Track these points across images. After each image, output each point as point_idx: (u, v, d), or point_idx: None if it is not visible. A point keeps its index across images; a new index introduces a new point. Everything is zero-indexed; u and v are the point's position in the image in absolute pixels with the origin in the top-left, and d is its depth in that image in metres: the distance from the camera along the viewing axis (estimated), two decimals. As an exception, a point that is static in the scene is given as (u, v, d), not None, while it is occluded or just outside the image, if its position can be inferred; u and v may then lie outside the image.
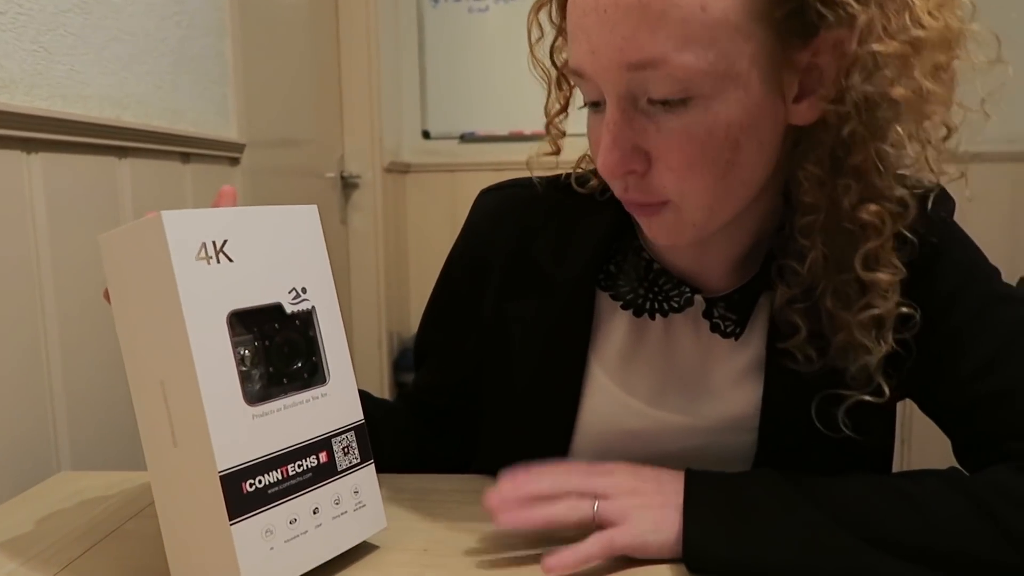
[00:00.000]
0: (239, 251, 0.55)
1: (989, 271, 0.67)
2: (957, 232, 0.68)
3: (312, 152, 2.20)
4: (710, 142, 0.56)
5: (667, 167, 0.57)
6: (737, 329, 0.68)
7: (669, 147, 0.57)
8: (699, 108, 0.55)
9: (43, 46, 0.95)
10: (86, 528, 0.69)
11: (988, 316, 0.64)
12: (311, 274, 0.60)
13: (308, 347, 0.59)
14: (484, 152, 2.66)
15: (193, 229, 0.53)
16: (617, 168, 0.58)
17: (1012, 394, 0.61)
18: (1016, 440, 0.60)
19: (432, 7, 2.71)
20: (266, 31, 1.76)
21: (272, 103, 1.78)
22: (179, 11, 1.28)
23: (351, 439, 0.61)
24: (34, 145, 0.91)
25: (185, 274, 0.52)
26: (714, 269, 0.69)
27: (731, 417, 0.70)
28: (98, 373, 1.02)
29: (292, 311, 0.58)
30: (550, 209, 0.75)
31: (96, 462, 1.00)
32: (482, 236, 0.77)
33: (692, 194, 0.58)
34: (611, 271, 0.72)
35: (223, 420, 0.52)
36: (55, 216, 0.94)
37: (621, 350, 0.72)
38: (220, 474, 0.52)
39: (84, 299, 1.00)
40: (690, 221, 0.60)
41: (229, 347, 0.54)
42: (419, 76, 2.74)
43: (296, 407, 0.57)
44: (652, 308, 0.70)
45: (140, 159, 1.13)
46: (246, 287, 0.55)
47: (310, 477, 0.57)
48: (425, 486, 0.76)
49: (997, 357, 0.62)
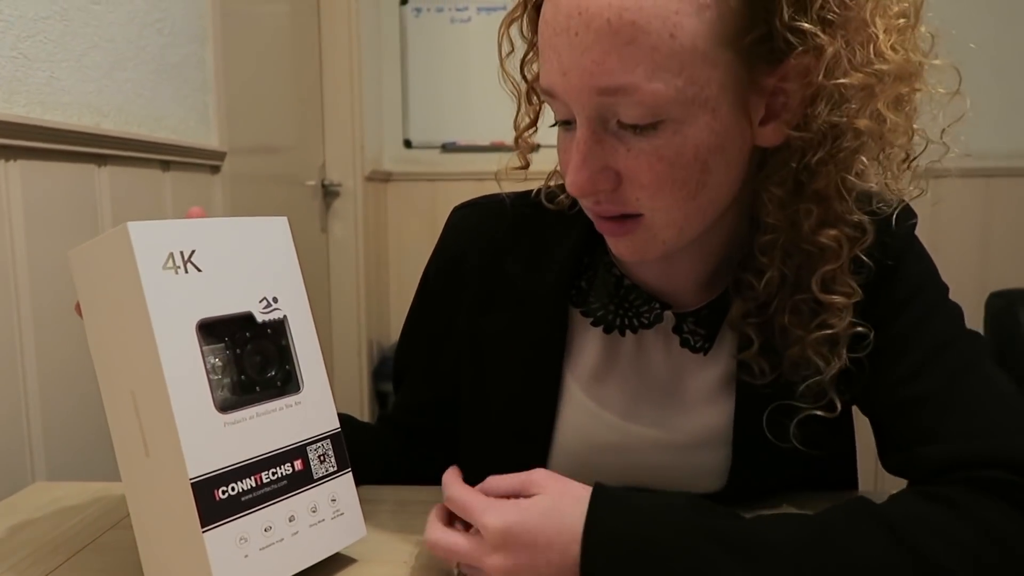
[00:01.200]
0: (208, 261, 0.55)
1: (939, 286, 0.69)
2: (916, 246, 0.69)
3: (293, 160, 2.19)
4: (679, 163, 0.56)
5: (638, 185, 0.58)
6: (706, 344, 0.69)
7: (639, 168, 0.57)
8: (668, 131, 0.56)
9: (22, 53, 0.94)
10: (63, 539, 0.68)
11: (926, 326, 0.65)
12: (283, 284, 0.60)
13: (281, 356, 0.59)
14: (465, 162, 2.66)
15: (160, 239, 0.53)
16: (587, 187, 0.58)
17: (927, 402, 0.62)
18: (923, 444, 0.61)
19: (414, 17, 2.72)
20: (248, 39, 1.76)
21: (254, 111, 1.78)
22: (161, 18, 1.28)
23: (327, 447, 0.61)
24: (12, 152, 0.90)
25: (152, 284, 0.52)
26: (684, 285, 0.70)
27: (705, 431, 0.71)
28: (74, 382, 1.01)
29: (263, 320, 0.58)
30: (522, 225, 0.75)
31: (72, 472, 0.99)
32: (456, 253, 0.77)
33: (662, 211, 0.59)
34: (582, 287, 0.72)
35: (193, 428, 0.52)
36: (32, 224, 0.93)
37: (594, 366, 0.72)
38: (191, 481, 0.52)
39: (60, 308, 0.99)
40: (660, 238, 0.61)
41: (199, 355, 0.54)
42: (401, 85, 2.75)
43: (269, 415, 0.57)
44: (623, 324, 0.70)
45: (120, 167, 1.13)
46: (215, 296, 0.56)
47: (285, 485, 0.57)
48: (405, 497, 0.76)
49: (924, 365, 0.64)
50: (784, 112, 0.59)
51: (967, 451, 0.58)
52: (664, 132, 0.56)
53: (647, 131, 0.56)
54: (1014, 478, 0.55)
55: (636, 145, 0.56)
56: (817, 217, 0.60)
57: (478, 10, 2.70)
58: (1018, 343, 1.08)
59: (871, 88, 0.56)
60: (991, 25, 2.42)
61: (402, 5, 2.72)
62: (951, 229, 2.48)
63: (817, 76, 0.55)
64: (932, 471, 0.59)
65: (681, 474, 0.72)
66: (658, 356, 0.72)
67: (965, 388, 0.62)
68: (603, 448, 0.72)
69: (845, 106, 0.56)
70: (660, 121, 0.55)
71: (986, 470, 0.56)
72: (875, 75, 0.55)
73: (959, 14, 2.14)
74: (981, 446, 0.57)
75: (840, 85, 0.55)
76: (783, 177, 0.60)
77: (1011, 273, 2.44)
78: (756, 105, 0.58)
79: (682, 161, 0.56)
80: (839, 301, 0.61)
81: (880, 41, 0.56)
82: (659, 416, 0.71)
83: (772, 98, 0.58)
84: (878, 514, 0.55)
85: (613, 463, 0.72)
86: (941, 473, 0.58)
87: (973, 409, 0.60)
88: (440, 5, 2.70)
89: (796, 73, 0.57)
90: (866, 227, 0.61)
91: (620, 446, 0.72)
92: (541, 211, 0.75)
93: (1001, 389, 0.62)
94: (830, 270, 0.61)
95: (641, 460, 0.72)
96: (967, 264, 2.49)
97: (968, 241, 2.49)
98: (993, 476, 0.55)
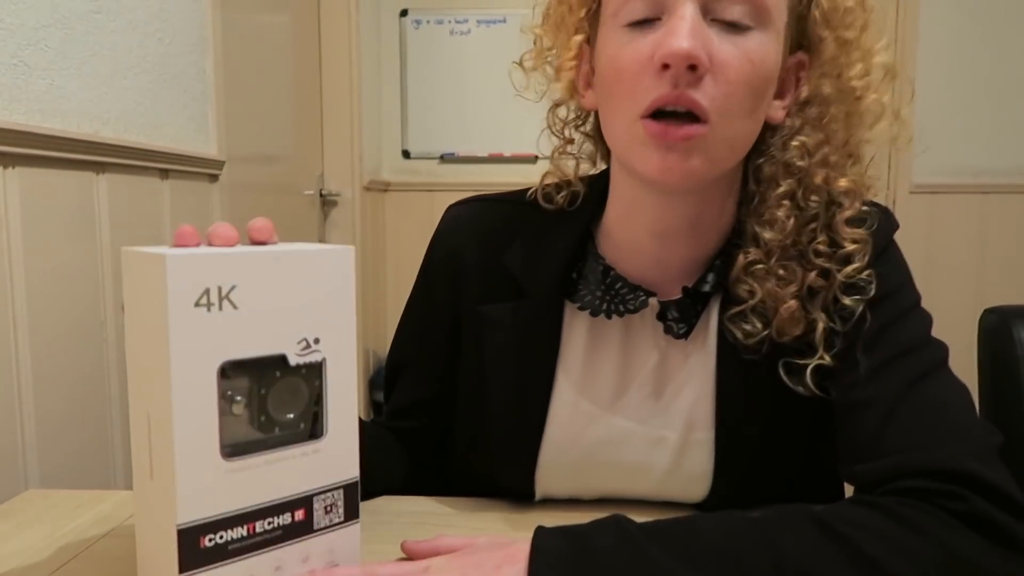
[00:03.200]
0: (247, 297, 0.52)
1: (911, 293, 0.70)
2: (894, 251, 0.71)
3: (291, 169, 2.20)
4: (758, 73, 0.62)
5: (723, 80, 0.61)
6: (685, 328, 0.70)
7: (730, 61, 0.61)
8: (757, 39, 0.61)
9: (23, 60, 0.95)
10: (55, 547, 0.68)
11: (891, 330, 0.66)
12: (330, 324, 0.56)
13: (309, 399, 0.56)
14: (463, 172, 2.67)
15: (198, 273, 0.50)
16: (692, 50, 0.59)
17: (872, 407, 0.64)
18: (863, 455, 0.63)
19: (414, 28, 2.74)
20: (248, 49, 1.76)
21: (253, 120, 1.79)
22: (161, 28, 1.28)
23: (337, 497, 0.57)
24: (11, 159, 0.91)
25: (179, 321, 0.49)
26: (673, 276, 0.71)
27: (692, 425, 0.72)
28: (69, 390, 1.01)
29: (298, 363, 0.55)
30: (517, 222, 0.77)
31: (65, 480, 0.98)
32: (454, 245, 0.78)
33: (729, 119, 0.62)
34: (573, 279, 0.74)
35: (193, 473, 0.51)
36: (30, 231, 0.93)
37: (584, 356, 0.73)
38: (178, 527, 0.50)
39: (56, 315, 0.99)
40: (712, 155, 0.63)
41: (214, 398, 0.51)
42: (400, 96, 2.76)
43: (280, 462, 0.55)
44: (609, 309, 0.72)
45: (118, 174, 1.13)
46: (246, 336, 0.52)
47: (279, 535, 0.55)
48: (405, 509, 0.76)
49: (880, 370, 0.65)
50: (785, 96, 0.67)
51: (895, 464, 0.60)
52: (754, 38, 0.61)
53: (743, 32, 0.61)
54: (929, 484, 0.57)
55: (731, 40, 0.61)
56: (826, 172, 0.66)
57: (478, 22, 2.71)
58: (1012, 359, 1.09)
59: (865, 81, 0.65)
60: (986, 44, 2.44)
61: (402, 17, 2.73)
62: (947, 245, 2.49)
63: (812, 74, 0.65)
64: (867, 484, 0.62)
65: (667, 476, 0.73)
66: (645, 347, 0.73)
67: (913, 397, 0.63)
68: (591, 445, 0.73)
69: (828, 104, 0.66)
70: (751, 28, 0.61)
71: (907, 480, 0.59)
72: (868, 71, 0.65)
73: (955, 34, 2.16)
74: (907, 459, 0.60)
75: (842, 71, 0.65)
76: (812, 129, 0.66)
77: (1006, 289, 2.45)
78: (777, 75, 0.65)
79: (760, 73, 0.62)
80: (860, 234, 0.65)
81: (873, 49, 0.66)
82: (648, 412, 0.73)
83: (783, 80, 0.66)
84: (811, 513, 0.58)
85: (601, 462, 0.73)
86: (874, 486, 0.61)
87: (913, 420, 0.62)
88: (440, 17, 2.72)
89: (799, 66, 0.66)
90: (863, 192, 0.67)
91: (608, 442, 0.73)
92: (535, 209, 0.76)
93: (946, 401, 0.64)
94: (841, 215, 0.66)
95: (628, 458, 0.73)
96: (962, 280, 2.50)
97: (963, 257, 2.50)
98: (912, 484, 0.58)
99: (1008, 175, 2.46)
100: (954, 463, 0.58)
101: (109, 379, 1.10)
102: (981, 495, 0.56)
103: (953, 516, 0.56)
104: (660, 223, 0.70)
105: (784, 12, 0.63)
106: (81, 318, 1.05)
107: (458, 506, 0.77)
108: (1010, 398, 1.08)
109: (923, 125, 2.45)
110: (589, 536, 0.57)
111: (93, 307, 1.07)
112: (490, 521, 0.74)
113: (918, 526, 0.55)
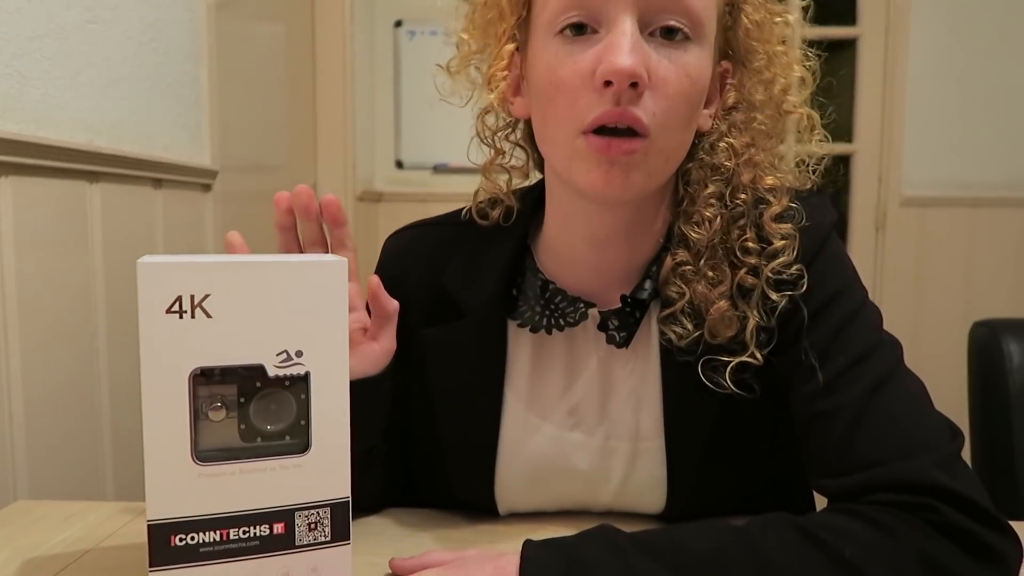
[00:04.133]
0: (222, 307, 0.52)
1: (856, 290, 0.69)
2: (832, 247, 0.70)
3: (285, 179, 2.20)
4: (695, 86, 0.63)
5: (662, 95, 0.61)
6: (625, 335, 0.70)
7: (668, 76, 0.62)
8: (694, 52, 0.63)
9: (18, 70, 0.95)
10: (44, 558, 0.68)
11: (843, 336, 0.66)
12: (316, 337, 0.55)
13: (298, 413, 0.56)
14: (456, 183, 2.68)
15: (170, 280, 0.51)
16: (637, 67, 0.59)
17: (838, 416, 0.63)
18: (832, 468, 0.63)
19: (408, 39, 2.74)
20: (242, 59, 1.77)
21: (246, 130, 1.79)
22: (156, 38, 1.28)
23: (323, 516, 0.57)
24: (4, 169, 0.91)
25: (150, 327, 0.51)
26: (611, 285, 0.71)
27: (641, 434, 0.72)
28: (59, 401, 1.01)
29: (277, 375, 0.55)
30: (454, 242, 0.77)
31: (55, 491, 0.98)
32: (395, 272, 0.78)
33: (667, 133, 0.63)
34: (514, 295, 0.74)
35: (162, 473, 0.52)
36: (22, 240, 0.93)
37: (529, 373, 0.74)
38: (148, 523, 0.52)
39: (47, 324, 0.99)
40: (650, 168, 0.64)
41: (185, 402, 0.52)
42: (394, 106, 2.76)
43: (258, 473, 0.55)
44: (549, 324, 0.71)
45: (111, 184, 1.13)
46: (220, 346, 0.53)
47: (256, 545, 0.55)
48: (392, 522, 0.76)
49: (839, 378, 0.64)
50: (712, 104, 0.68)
51: (864, 480, 0.60)
52: (691, 51, 0.63)
53: (681, 44, 0.62)
54: (900, 498, 0.58)
55: (667, 55, 0.62)
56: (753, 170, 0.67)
57: (472, 34, 2.73)
58: (1001, 372, 1.09)
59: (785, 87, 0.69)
60: (976, 57, 2.47)
61: (396, 27, 2.74)
62: (937, 258, 2.50)
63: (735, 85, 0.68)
64: (839, 499, 0.62)
65: (623, 486, 0.73)
66: (589, 358, 0.73)
67: (875, 406, 0.63)
68: (545, 460, 0.73)
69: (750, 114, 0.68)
70: (689, 40, 0.62)
71: (878, 494, 0.59)
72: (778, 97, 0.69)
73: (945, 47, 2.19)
74: (876, 474, 0.60)
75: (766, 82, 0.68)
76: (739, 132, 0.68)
77: (995, 302, 2.46)
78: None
79: (696, 87, 0.63)
80: (786, 229, 0.66)
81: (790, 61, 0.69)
82: (597, 422, 0.73)
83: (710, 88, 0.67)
84: (793, 521, 0.58)
85: (556, 475, 0.73)
86: (850, 497, 0.61)
87: (878, 430, 0.62)
88: (434, 28, 2.72)
89: (725, 74, 0.68)
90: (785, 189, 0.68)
91: (561, 455, 0.73)
92: (471, 228, 0.76)
93: (907, 405, 0.64)
94: (770, 211, 0.67)
95: (581, 468, 0.73)
96: (952, 292, 2.51)
97: (953, 270, 2.51)
98: (884, 499, 0.59)
99: (997, 188, 2.48)
100: (920, 476, 0.58)
101: (100, 389, 1.10)
102: (952, 505, 0.57)
103: (929, 525, 0.57)
104: (597, 232, 0.70)
105: (714, 24, 0.65)
106: (73, 328, 1.04)
107: (446, 519, 0.77)
108: (999, 409, 1.08)
109: (912, 137, 2.47)
110: (577, 548, 0.58)
111: (85, 317, 1.07)
112: (480, 534, 0.74)
113: (897, 532, 0.56)
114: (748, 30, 0.67)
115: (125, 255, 1.13)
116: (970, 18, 2.46)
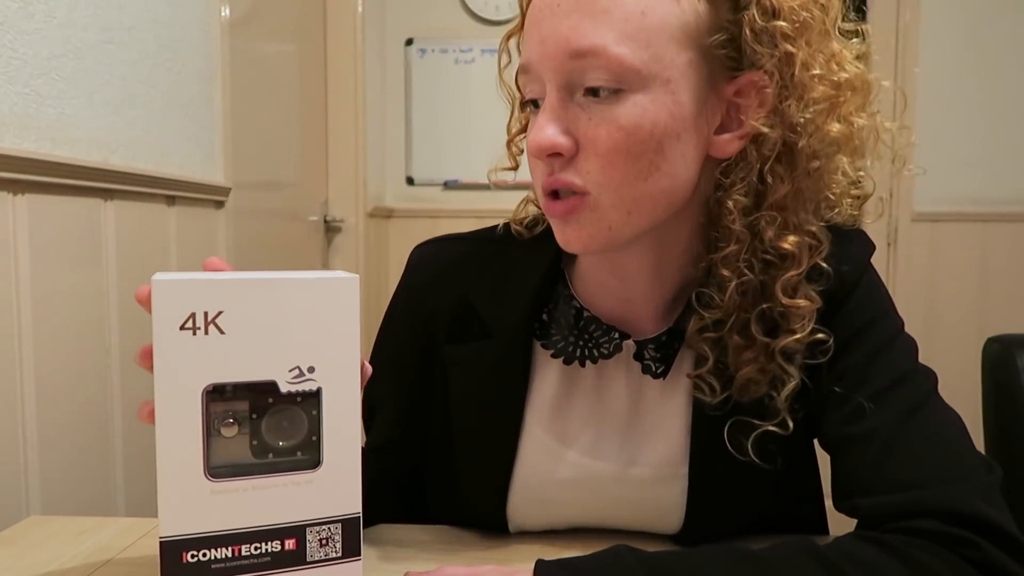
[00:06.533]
0: (235, 323, 0.53)
1: (893, 319, 0.69)
2: (870, 277, 0.70)
3: (296, 196, 2.21)
4: (636, 137, 0.60)
5: (593, 153, 0.61)
6: (665, 368, 0.69)
7: (598, 135, 0.60)
8: (629, 103, 0.60)
9: (35, 90, 0.96)
10: (56, 574, 0.68)
11: (878, 361, 0.65)
12: (328, 353, 0.56)
13: (310, 429, 0.56)
14: (467, 200, 2.69)
15: (184, 297, 0.52)
16: (547, 143, 0.61)
17: (872, 441, 0.62)
18: (864, 489, 0.61)
19: (419, 57, 2.77)
20: (255, 78, 1.78)
21: (259, 148, 1.80)
22: (171, 58, 1.30)
23: (334, 531, 0.57)
24: (21, 187, 0.92)
25: (164, 343, 0.52)
26: (643, 314, 0.71)
27: (665, 461, 0.71)
28: (72, 416, 1.01)
29: (289, 391, 0.55)
30: (485, 260, 0.76)
31: (67, 507, 0.98)
32: (423, 286, 0.77)
33: (611, 188, 0.61)
34: (544, 320, 0.73)
35: (175, 489, 0.52)
36: (37, 257, 0.94)
37: (554, 400, 0.72)
38: (161, 540, 0.52)
39: (62, 341, 0.99)
40: (606, 222, 0.62)
41: (198, 419, 0.53)
42: (405, 123, 2.78)
43: (270, 489, 0.55)
44: (583, 355, 0.71)
45: (125, 201, 1.14)
46: (233, 361, 0.53)
47: (267, 561, 0.55)
48: (406, 538, 0.76)
49: (873, 403, 0.64)
50: (737, 126, 0.63)
51: (903, 502, 0.59)
52: (625, 103, 0.60)
53: (610, 99, 0.60)
54: (943, 527, 0.56)
55: (598, 113, 0.60)
56: (780, 225, 0.63)
57: (482, 51, 2.74)
58: (1016, 388, 1.08)
59: (833, 98, 0.61)
60: (987, 73, 2.46)
61: (407, 46, 2.76)
62: (949, 273, 2.49)
63: (771, 93, 0.61)
64: (873, 519, 0.60)
65: (640, 510, 0.72)
66: (618, 387, 0.72)
67: (912, 430, 0.62)
68: (562, 484, 0.72)
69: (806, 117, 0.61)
70: (622, 91, 0.59)
71: (918, 520, 0.57)
72: (835, 86, 0.61)
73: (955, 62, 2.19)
74: (916, 496, 0.58)
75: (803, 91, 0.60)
76: (746, 187, 0.63)
77: (1009, 317, 2.44)
78: (713, 109, 0.62)
79: (639, 135, 0.60)
80: (804, 305, 0.63)
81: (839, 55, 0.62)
82: (619, 450, 0.72)
83: (728, 110, 0.63)
84: (817, 551, 0.57)
85: (572, 499, 0.72)
86: (881, 521, 0.59)
87: (915, 453, 0.61)
88: (445, 46, 2.75)
89: (752, 89, 0.62)
90: (821, 237, 0.64)
91: (580, 481, 0.72)
92: (505, 246, 0.76)
93: (943, 432, 0.63)
94: (793, 276, 0.63)
95: (600, 495, 0.72)
96: (965, 308, 2.49)
97: (966, 285, 2.50)
98: (925, 526, 0.57)
99: (1009, 203, 2.47)
100: (964, 505, 0.56)
101: (113, 406, 1.10)
102: (994, 543, 0.55)
103: (967, 563, 0.55)
104: (618, 269, 0.69)
105: (680, 52, 0.59)
106: (86, 345, 1.05)
107: (462, 536, 0.77)
108: (1014, 425, 1.07)
109: (923, 153, 2.46)
110: (590, 570, 0.57)
111: (98, 334, 1.08)
112: (493, 552, 0.73)
113: (931, 572, 0.54)
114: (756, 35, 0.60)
115: (139, 272, 1.14)
116: (981, 33, 2.46)
